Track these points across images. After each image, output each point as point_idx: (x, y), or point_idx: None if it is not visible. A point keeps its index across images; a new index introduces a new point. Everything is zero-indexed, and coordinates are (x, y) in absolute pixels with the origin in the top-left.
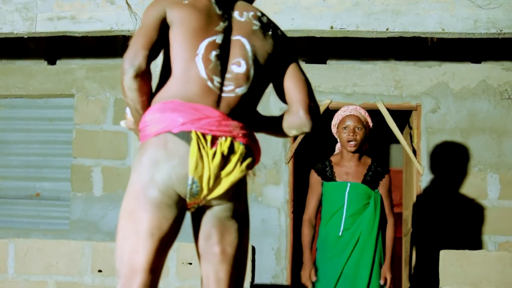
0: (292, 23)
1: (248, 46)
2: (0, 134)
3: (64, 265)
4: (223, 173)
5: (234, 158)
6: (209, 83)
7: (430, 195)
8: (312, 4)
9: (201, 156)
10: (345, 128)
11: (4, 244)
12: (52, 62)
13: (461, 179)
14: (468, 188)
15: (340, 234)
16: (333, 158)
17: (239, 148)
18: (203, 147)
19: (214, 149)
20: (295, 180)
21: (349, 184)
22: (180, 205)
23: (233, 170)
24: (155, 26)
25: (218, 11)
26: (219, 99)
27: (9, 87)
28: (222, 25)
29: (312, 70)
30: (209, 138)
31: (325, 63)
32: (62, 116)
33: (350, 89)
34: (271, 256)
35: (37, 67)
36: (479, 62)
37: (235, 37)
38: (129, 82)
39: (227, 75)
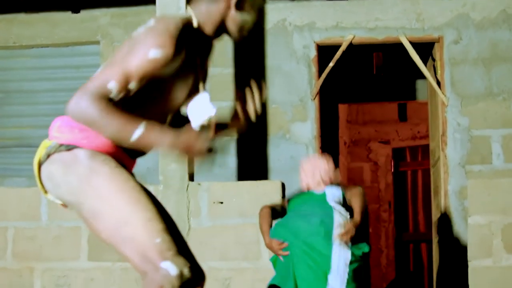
0: None
1: None
2: (28, 84)
3: None
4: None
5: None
6: None
7: (455, 125)
8: None
9: None
10: None
11: (36, 192)
12: (76, 10)
13: (485, 108)
14: (493, 117)
15: None
16: None
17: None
18: None
19: None
20: (322, 116)
21: None
22: None
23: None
24: None
25: None
26: None
27: (34, 37)
28: None
29: (334, 7)
30: None
31: None
32: (88, 63)
33: (372, 24)
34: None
35: (61, 16)
36: None
37: None
38: None
39: None
